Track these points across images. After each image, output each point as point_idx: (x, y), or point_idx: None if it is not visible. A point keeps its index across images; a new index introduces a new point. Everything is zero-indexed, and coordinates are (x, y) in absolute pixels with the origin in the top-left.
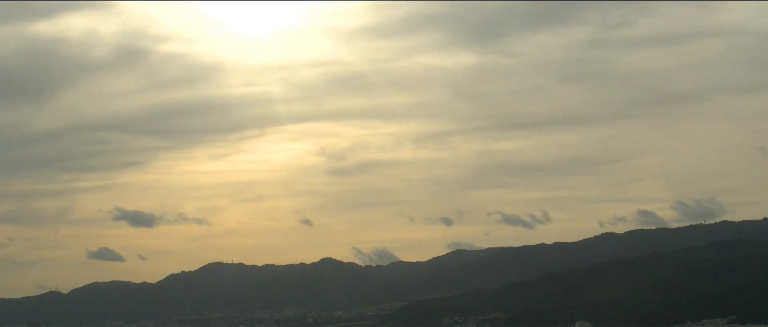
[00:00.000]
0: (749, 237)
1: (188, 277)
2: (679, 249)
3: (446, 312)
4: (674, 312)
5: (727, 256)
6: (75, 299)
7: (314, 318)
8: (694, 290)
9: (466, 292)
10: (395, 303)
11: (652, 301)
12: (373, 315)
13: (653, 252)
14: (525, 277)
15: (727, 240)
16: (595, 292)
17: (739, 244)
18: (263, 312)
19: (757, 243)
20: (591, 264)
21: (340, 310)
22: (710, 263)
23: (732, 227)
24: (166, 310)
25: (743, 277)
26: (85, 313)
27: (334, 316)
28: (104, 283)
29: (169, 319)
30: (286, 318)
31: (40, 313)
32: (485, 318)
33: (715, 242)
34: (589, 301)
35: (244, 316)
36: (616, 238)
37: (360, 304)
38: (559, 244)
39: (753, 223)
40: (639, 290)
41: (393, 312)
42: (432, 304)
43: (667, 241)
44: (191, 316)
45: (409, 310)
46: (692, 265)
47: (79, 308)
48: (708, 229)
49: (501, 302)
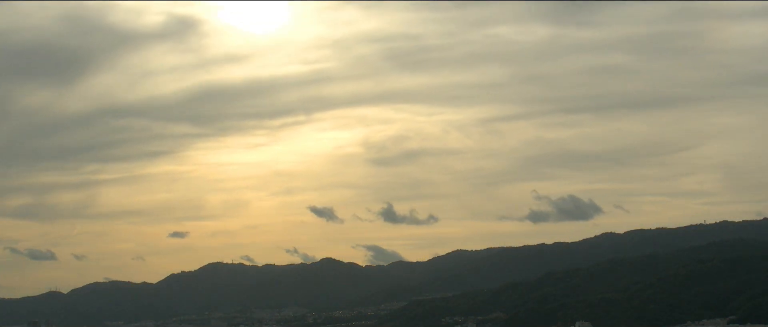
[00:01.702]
0: (749, 237)
1: (188, 277)
2: (679, 249)
3: (446, 312)
4: (674, 312)
5: (727, 256)
6: (75, 299)
7: (314, 318)
8: (694, 290)
9: (466, 292)
10: (395, 303)
11: (652, 301)
12: (373, 315)
13: (653, 252)
14: (525, 277)
15: (727, 240)
16: (595, 292)
17: (739, 244)
18: (263, 312)
19: (757, 243)
20: (591, 264)
21: (340, 310)
22: (710, 263)
23: (732, 227)
24: (166, 310)
25: (743, 277)
26: (85, 313)
27: (334, 316)
28: (104, 283)
29: (169, 319)
30: (286, 318)
31: (40, 313)
32: (485, 318)
33: (715, 242)
34: (589, 301)
35: (244, 316)
36: (616, 238)
37: (360, 304)
38: (559, 244)
39: (753, 223)
40: (639, 290)
41: (393, 312)
42: (432, 304)
43: (667, 241)
44: (191, 316)
45: (409, 310)
46: (692, 265)
47: (79, 308)
48: (708, 229)
49: (501, 302)
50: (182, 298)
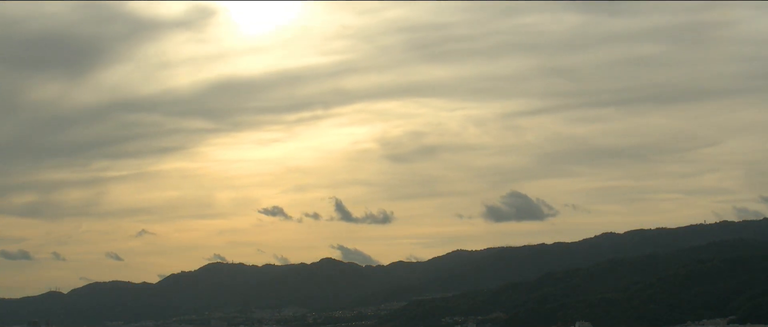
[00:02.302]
0: (749, 237)
1: (188, 277)
2: (679, 249)
3: (446, 312)
4: (674, 312)
5: (727, 256)
6: (75, 299)
7: (314, 318)
8: (694, 290)
9: (466, 292)
10: (395, 303)
11: (652, 301)
12: (373, 315)
13: (653, 252)
14: (525, 277)
15: (727, 240)
16: (595, 292)
17: (739, 244)
18: (263, 312)
19: (757, 243)
20: (591, 264)
21: (340, 310)
22: (710, 263)
23: (732, 227)
24: (166, 310)
25: (743, 277)
26: (85, 313)
27: (334, 316)
28: (104, 283)
29: (169, 319)
30: (286, 318)
31: (40, 313)
32: (485, 318)
33: (715, 242)
34: (589, 301)
35: (244, 316)
36: (616, 238)
37: (360, 304)
38: (559, 244)
39: (753, 223)
40: (639, 290)
41: (393, 312)
42: (432, 304)
43: (667, 241)
44: (191, 316)
45: (409, 310)
46: (692, 265)
47: (79, 308)
48: (708, 229)
49: (501, 302)
50: (182, 298)
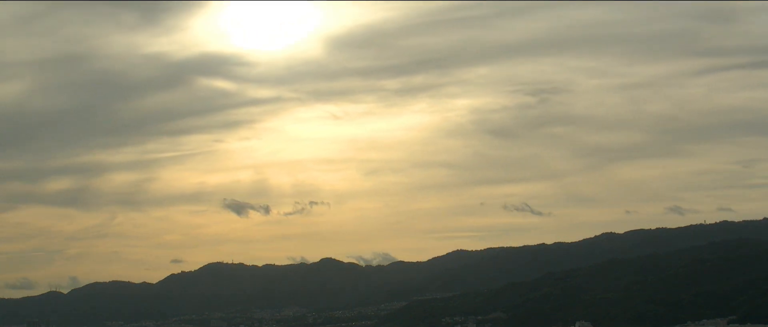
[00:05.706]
0: (749, 237)
1: (188, 277)
2: (679, 249)
3: (446, 312)
4: (674, 312)
5: (727, 256)
6: (75, 299)
7: (314, 318)
8: (694, 290)
9: (466, 292)
10: (395, 303)
11: (652, 301)
12: (373, 315)
13: (653, 252)
14: (525, 277)
15: (727, 240)
16: (595, 292)
17: (739, 244)
18: (263, 312)
19: (757, 243)
20: (591, 264)
21: (340, 310)
22: (710, 263)
23: (732, 227)
24: (166, 310)
25: (743, 277)
26: (85, 313)
27: (334, 316)
28: (104, 283)
29: (169, 319)
30: (286, 318)
31: (40, 313)
32: (485, 318)
33: (715, 242)
34: (589, 301)
35: (244, 316)
36: (616, 238)
37: (360, 304)
38: (559, 244)
39: (753, 223)
40: (639, 290)
41: (393, 312)
42: (432, 304)
43: (667, 241)
44: (191, 316)
45: (409, 310)
46: (692, 265)
47: (79, 308)
48: (708, 229)
49: (501, 302)
50: (182, 298)
